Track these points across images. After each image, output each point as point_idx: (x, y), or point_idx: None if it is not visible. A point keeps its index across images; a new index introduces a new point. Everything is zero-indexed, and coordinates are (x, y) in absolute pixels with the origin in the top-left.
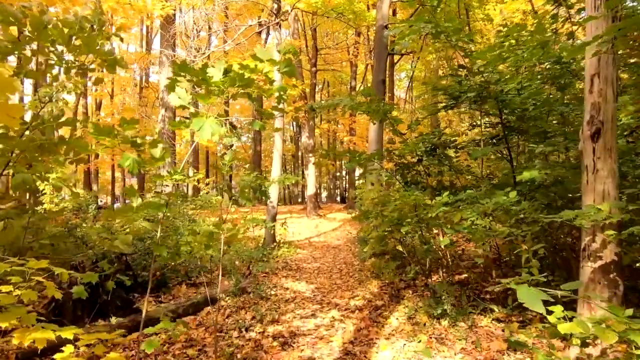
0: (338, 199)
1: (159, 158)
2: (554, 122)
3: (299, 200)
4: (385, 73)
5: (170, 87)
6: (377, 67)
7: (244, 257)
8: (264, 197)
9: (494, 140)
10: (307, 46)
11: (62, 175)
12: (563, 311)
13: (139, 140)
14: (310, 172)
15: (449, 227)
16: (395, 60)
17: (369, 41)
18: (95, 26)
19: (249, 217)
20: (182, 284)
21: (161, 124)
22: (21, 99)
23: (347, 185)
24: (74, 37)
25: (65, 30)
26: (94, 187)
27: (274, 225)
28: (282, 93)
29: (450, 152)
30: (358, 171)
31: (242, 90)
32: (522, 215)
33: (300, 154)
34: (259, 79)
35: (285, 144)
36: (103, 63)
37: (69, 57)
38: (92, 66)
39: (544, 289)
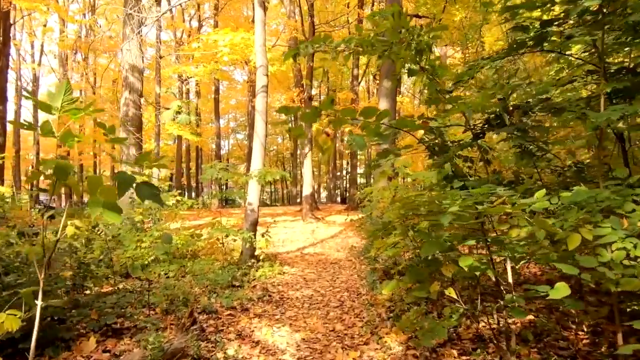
0: (338, 199)
1: None
2: None
3: (298, 200)
4: None
5: None
6: None
7: (207, 281)
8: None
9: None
10: (302, 25)
11: None
12: None
13: None
14: (307, 170)
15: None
16: None
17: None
18: None
19: (215, 222)
20: (94, 334)
21: (124, 108)
22: None
23: (347, 184)
24: None
25: None
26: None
27: (252, 235)
28: None
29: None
30: (360, 169)
31: None
32: None
33: (298, 152)
34: None
35: (283, 141)
36: None
37: None
38: None
39: None
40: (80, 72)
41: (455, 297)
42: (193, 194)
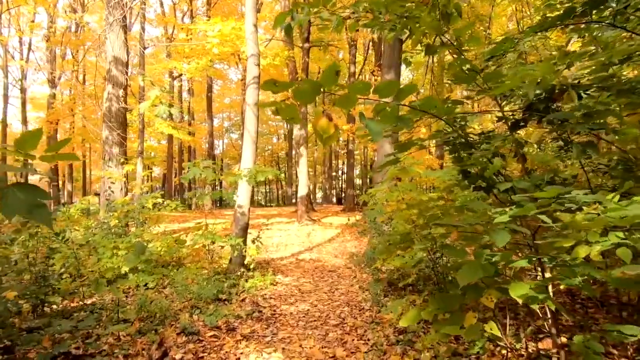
0: (334, 199)
1: None
2: None
3: (293, 200)
4: None
5: None
6: None
7: (190, 294)
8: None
9: None
10: None
11: None
12: None
13: None
14: (302, 170)
15: None
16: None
17: None
18: None
19: (201, 226)
20: None
21: (107, 104)
22: None
23: (343, 184)
24: None
25: None
26: (68, 187)
27: (242, 242)
28: None
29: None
30: (356, 170)
31: None
32: None
33: (293, 152)
34: None
35: (278, 141)
36: None
37: None
38: None
39: None
40: (70, 68)
41: (498, 334)
42: (185, 195)
